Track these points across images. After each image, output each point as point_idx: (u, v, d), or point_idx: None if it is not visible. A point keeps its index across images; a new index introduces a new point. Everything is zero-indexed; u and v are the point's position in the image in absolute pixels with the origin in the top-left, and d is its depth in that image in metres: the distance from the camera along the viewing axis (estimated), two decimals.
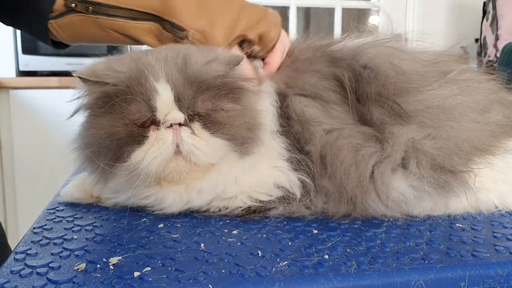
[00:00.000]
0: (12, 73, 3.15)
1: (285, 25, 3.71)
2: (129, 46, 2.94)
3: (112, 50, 2.61)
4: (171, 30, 0.97)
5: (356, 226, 0.84)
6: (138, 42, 1.02)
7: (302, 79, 0.92)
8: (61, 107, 0.90)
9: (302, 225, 0.84)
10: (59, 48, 1.10)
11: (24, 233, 0.84)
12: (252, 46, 1.02)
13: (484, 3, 3.47)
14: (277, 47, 1.03)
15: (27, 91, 3.06)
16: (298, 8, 3.89)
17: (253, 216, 0.88)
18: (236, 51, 1.00)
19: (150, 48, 0.99)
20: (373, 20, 4.18)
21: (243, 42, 1.02)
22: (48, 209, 0.95)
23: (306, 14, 4.39)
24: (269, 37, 1.01)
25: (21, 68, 3.16)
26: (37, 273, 0.65)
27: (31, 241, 0.77)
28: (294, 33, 1.21)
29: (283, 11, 4.07)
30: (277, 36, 1.03)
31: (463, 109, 0.89)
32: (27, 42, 3.13)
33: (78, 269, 0.66)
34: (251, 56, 1.02)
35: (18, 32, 3.13)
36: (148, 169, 0.82)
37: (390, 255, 0.70)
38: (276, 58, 1.03)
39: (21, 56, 3.15)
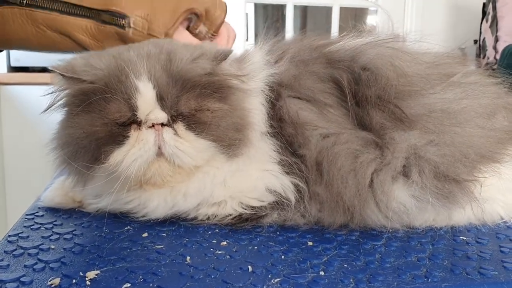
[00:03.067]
0: (3, 69, 3.10)
1: (281, 24, 3.65)
2: None
3: None
4: (112, 20, 0.94)
5: (354, 237, 0.79)
6: (72, 41, 0.98)
7: (297, 81, 0.86)
8: None
9: (296, 236, 0.79)
10: None
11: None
12: (200, 23, 1.02)
13: (484, 4, 3.42)
14: (223, 31, 1.04)
15: (18, 87, 3.01)
16: (295, 7, 3.84)
17: (244, 225, 0.83)
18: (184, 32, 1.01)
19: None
20: (371, 19, 4.13)
21: (190, 20, 1.02)
22: (26, 215, 0.90)
23: (303, 12, 4.34)
24: (215, 14, 1.02)
25: (12, 64, 3.10)
26: None
27: (4, 251, 0.72)
28: (291, 31, 1.16)
29: (280, 9, 4.02)
30: (223, 15, 1.04)
31: (468, 114, 0.84)
32: None
33: (51, 284, 0.61)
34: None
35: None
36: (128, 172, 0.77)
37: (391, 272, 0.65)
38: (222, 41, 1.03)
39: (13, 51, 3.08)
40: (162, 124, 0.78)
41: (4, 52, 3.09)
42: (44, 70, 3.09)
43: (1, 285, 0.61)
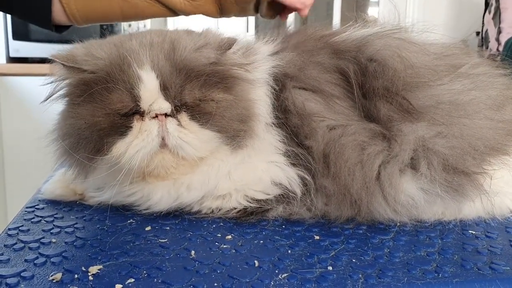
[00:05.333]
0: (2, 59, 3.07)
1: None
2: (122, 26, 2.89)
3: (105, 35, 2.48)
4: None
5: (361, 231, 0.77)
6: (161, 5, 0.96)
7: (303, 71, 0.84)
8: None
9: (302, 229, 0.78)
10: (60, 31, 1.03)
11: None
12: None
13: None
14: None
15: (17, 78, 2.98)
16: None
17: (249, 218, 0.81)
18: None
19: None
20: (372, 11, 4.11)
21: None
22: (27, 207, 0.88)
23: None
24: None
25: (12, 54, 3.08)
26: (6, 284, 0.58)
27: (4, 245, 0.70)
28: (292, 22, 1.14)
29: None
30: None
31: (477, 106, 0.82)
32: (17, 27, 3.04)
33: (53, 279, 0.59)
34: None
35: (8, 17, 3.04)
36: (131, 163, 0.75)
37: (400, 267, 0.64)
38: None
39: (12, 42, 3.06)
40: (166, 115, 0.76)
41: (3, 43, 3.07)
42: (43, 60, 3.06)
43: (1, 280, 0.59)
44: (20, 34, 3.06)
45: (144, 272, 0.61)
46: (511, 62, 0.98)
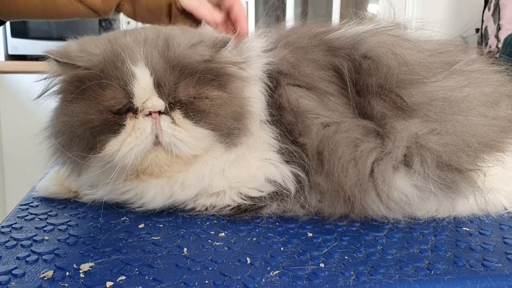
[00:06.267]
0: (0, 57, 3.07)
1: (282, 12, 3.61)
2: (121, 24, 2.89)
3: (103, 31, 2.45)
4: None
5: (354, 228, 0.77)
6: (84, 6, 0.97)
7: (297, 68, 0.84)
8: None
9: (296, 226, 0.78)
10: None
11: None
12: None
13: None
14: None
15: (16, 75, 2.98)
16: None
17: (243, 216, 0.81)
18: None
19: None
20: (372, 8, 4.10)
21: None
22: (21, 205, 0.88)
23: (304, 0, 4.31)
24: None
25: (10, 52, 3.08)
26: None
27: None
28: (291, 19, 1.13)
29: None
30: None
31: (471, 102, 0.82)
32: (16, 25, 3.04)
33: (44, 277, 0.59)
34: None
35: None
36: (124, 161, 0.75)
37: (392, 264, 0.64)
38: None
39: (10, 39, 3.06)
40: (159, 112, 0.76)
41: (1, 40, 3.06)
42: (42, 58, 3.06)
43: None
44: (18, 31, 3.06)
45: (136, 269, 0.61)
46: (510, 59, 0.97)
